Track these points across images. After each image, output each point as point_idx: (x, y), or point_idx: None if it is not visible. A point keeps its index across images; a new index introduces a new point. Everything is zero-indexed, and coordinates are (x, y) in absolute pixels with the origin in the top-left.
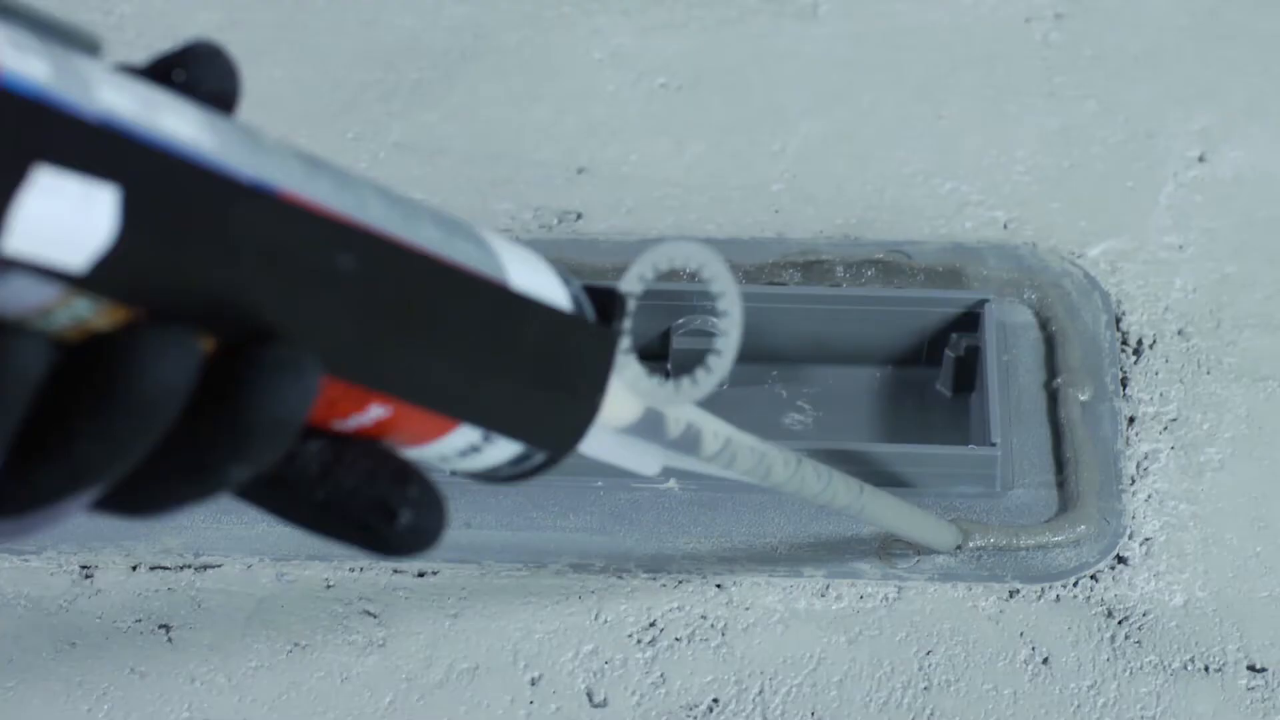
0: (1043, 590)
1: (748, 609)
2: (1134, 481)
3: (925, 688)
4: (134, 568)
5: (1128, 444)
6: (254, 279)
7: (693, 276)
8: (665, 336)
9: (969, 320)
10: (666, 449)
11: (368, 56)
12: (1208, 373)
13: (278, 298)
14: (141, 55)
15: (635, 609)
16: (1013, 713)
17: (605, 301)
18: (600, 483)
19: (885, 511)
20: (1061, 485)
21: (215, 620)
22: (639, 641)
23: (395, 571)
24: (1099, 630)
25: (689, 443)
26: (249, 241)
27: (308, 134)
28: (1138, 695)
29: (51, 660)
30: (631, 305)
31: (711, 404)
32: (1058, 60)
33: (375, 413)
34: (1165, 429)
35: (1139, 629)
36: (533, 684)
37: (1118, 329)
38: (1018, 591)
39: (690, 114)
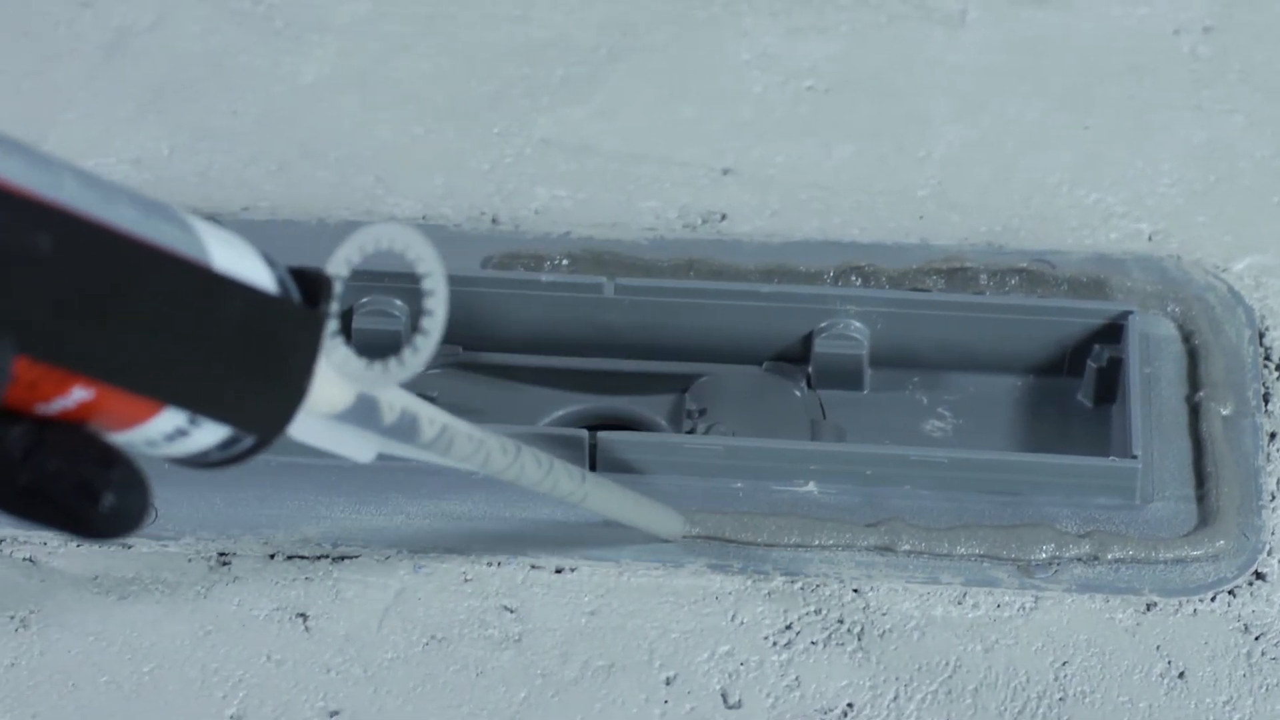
0: (1180, 604)
1: (884, 614)
2: (1274, 498)
3: (1060, 698)
4: (271, 556)
5: (1269, 460)
6: None
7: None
8: (808, 340)
9: (1112, 331)
10: (383, 436)
11: (515, 52)
12: None
13: None
14: (290, 44)
15: (772, 611)
16: None
17: (312, 285)
18: (739, 484)
19: (609, 500)
20: (1201, 499)
21: (352, 611)
22: (775, 644)
23: (533, 567)
24: (1235, 646)
25: (405, 429)
26: None
27: (454, 128)
28: (1273, 712)
29: (188, 646)
30: (338, 288)
31: (862, 407)
32: (1205, 73)
33: (78, 395)
34: None
35: (1276, 645)
36: (668, 683)
37: (1260, 344)
38: (1155, 604)
39: (837, 117)
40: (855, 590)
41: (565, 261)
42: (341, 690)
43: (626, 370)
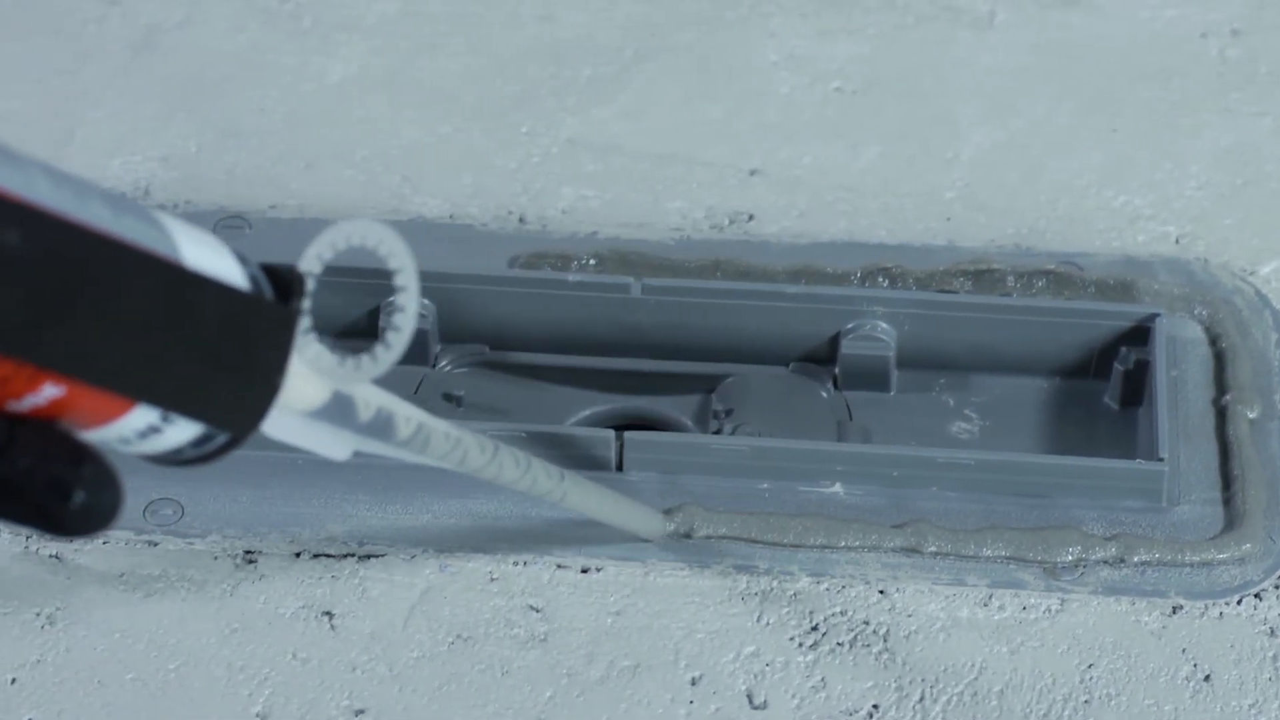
0: (1206, 607)
1: (910, 616)
2: None
3: (1086, 701)
4: (297, 554)
5: None
6: None
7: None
8: (835, 341)
9: (1139, 334)
10: (359, 434)
11: (542, 51)
12: None
13: None
14: (318, 43)
15: (798, 612)
16: None
17: (284, 282)
18: (765, 484)
19: (588, 499)
20: (1228, 502)
21: (378, 609)
22: (800, 645)
23: (559, 567)
24: (1261, 649)
25: (381, 427)
26: None
27: (481, 128)
28: None
29: (213, 644)
30: (311, 285)
31: (888, 408)
32: (1233, 76)
33: (49, 392)
34: None
35: None
36: (693, 684)
37: None
38: (1181, 607)
39: (864, 119)
40: (881, 592)
41: (592, 261)
42: (367, 689)
43: (653, 370)
